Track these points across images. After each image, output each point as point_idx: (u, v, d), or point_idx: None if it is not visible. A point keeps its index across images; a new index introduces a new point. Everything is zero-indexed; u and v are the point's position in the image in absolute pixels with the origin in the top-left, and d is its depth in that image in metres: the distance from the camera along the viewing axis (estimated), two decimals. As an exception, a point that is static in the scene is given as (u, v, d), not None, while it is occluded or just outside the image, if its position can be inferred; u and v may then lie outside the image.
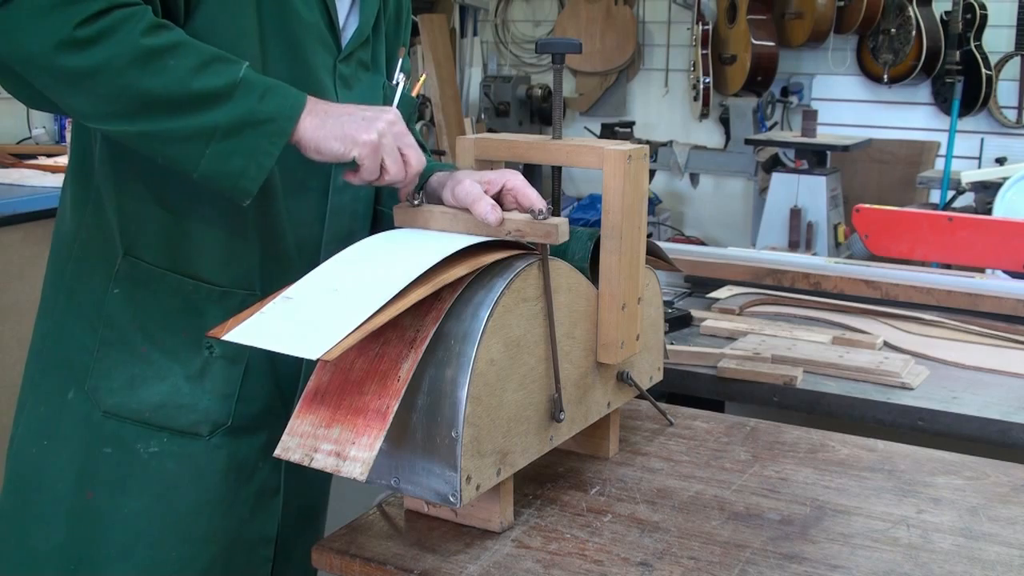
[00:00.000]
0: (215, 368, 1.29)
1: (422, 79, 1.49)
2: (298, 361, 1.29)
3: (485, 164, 1.37)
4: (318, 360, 0.97)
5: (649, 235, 1.36)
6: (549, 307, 1.19)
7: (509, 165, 1.42)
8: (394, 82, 1.42)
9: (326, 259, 1.28)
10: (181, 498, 1.29)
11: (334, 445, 1.06)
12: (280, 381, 1.35)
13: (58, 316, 1.31)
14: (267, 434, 1.33)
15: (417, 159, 1.20)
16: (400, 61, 1.44)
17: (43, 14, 1.05)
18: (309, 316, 1.05)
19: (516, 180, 1.24)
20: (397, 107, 1.38)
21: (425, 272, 1.09)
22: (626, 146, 1.27)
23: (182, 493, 1.29)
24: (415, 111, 1.48)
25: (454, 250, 1.12)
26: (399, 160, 1.19)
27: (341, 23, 1.31)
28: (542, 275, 1.17)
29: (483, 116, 6.10)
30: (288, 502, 1.39)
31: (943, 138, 5.04)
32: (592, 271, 1.29)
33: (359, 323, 1.01)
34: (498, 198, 1.23)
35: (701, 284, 2.35)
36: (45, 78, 1.09)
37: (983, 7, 4.95)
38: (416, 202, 1.23)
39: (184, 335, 1.28)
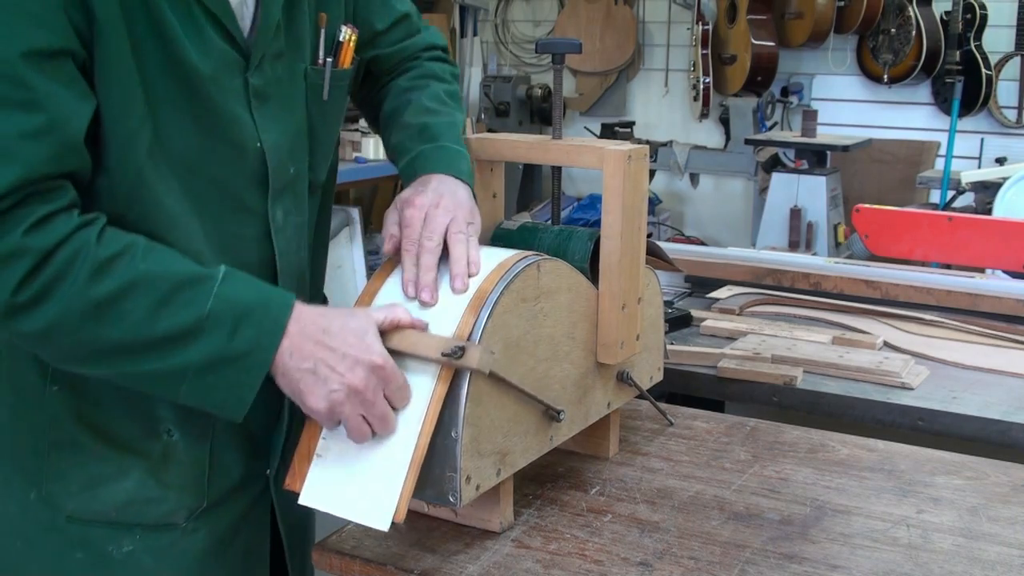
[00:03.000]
0: (179, 452, 1.19)
1: (351, 39, 1.27)
2: (273, 413, 1.25)
3: (485, 164, 1.37)
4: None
5: (649, 235, 1.36)
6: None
7: (509, 165, 1.42)
8: (321, 61, 1.25)
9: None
10: None
11: None
12: (254, 442, 1.26)
13: (5, 411, 1.20)
14: (248, 497, 1.26)
15: (383, 427, 1.08)
16: (323, 32, 1.24)
17: None
18: (363, 458, 1.11)
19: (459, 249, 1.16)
20: (329, 92, 1.25)
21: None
22: (626, 146, 1.27)
23: None
24: (350, 83, 1.32)
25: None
26: (359, 427, 1.08)
27: (247, 21, 1.15)
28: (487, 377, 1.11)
29: (483, 116, 6.09)
30: (289, 513, 1.33)
31: (943, 138, 5.04)
32: (592, 271, 1.29)
33: (407, 467, 1.08)
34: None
35: (701, 284, 2.35)
36: (11, 337, 1.06)
37: (983, 7, 4.95)
38: None
39: (137, 425, 1.18)
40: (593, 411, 1.33)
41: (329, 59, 1.24)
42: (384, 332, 1.09)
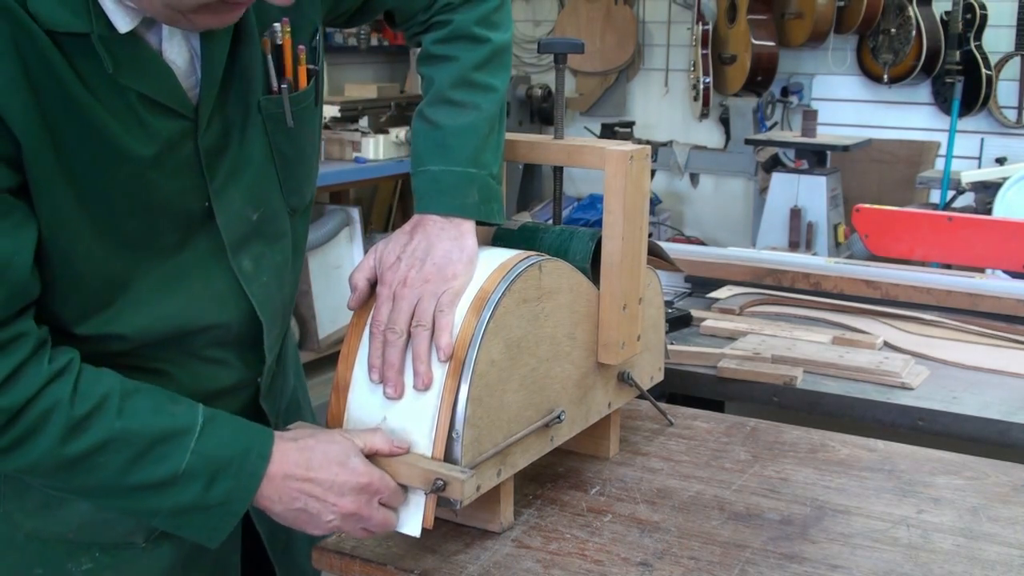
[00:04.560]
0: None
1: (300, 57, 1.17)
2: None
3: (486, 164, 1.36)
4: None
5: (649, 235, 1.36)
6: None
7: (509, 165, 1.42)
8: (276, 89, 1.15)
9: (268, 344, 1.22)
10: None
11: None
12: None
13: None
14: None
15: (386, 529, 1.11)
16: (269, 58, 1.13)
17: None
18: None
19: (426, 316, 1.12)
20: (294, 117, 1.16)
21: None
22: (628, 146, 1.27)
23: None
24: (317, 97, 1.22)
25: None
26: (365, 535, 1.13)
27: (197, 76, 1.07)
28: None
29: (483, 116, 6.08)
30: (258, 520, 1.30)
31: (943, 138, 5.04)
32: (593, 271, 1.29)
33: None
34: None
35: (701, 284, 2.35)
36: None
37: (983, 7, 4.95)
38: None
39: None
40: (594, 411, 1.33)
41: (284, 86, 1.15)
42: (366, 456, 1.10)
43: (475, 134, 1.22)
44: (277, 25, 1.13)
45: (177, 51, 1.05)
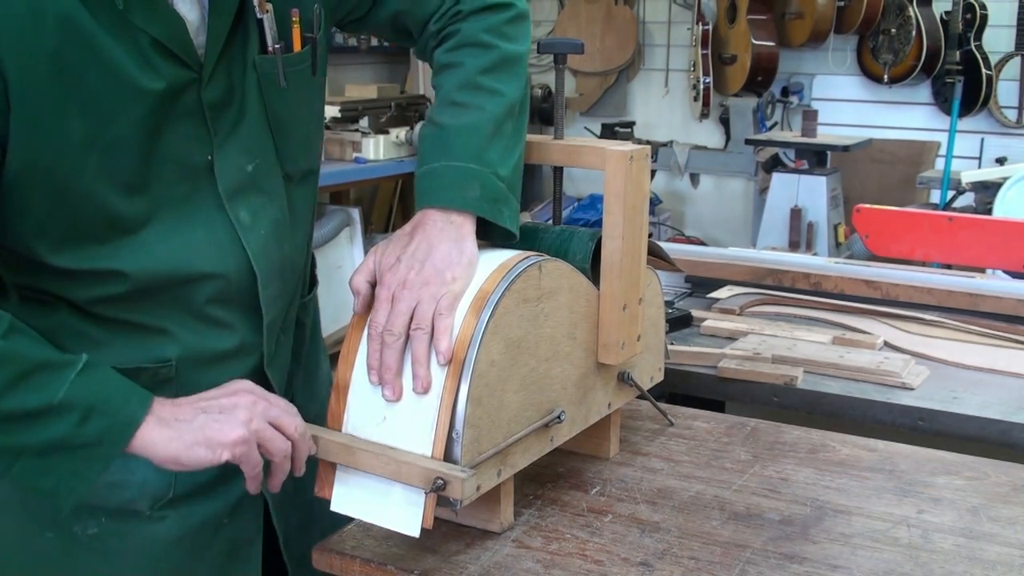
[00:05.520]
0: None
1: (294, 20, 1.20)
2: None
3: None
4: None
5: (649, 235, 1.36)
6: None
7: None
8: (271, 49, 1.17)
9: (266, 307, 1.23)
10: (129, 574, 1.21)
11: None
12: None
13: None
14: (232, 494, 1.23)
15: (293, 424, 1.09)
16: (265, 18, 1.16)
17: None
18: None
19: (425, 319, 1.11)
20: (285, 80, 1.18)
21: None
22: (628, 147, 1.27)
23: (129, 571, 1.20)
24: (313, 64, 1.24)
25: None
26: (276, 436, 1.08)
27: (204, 34, 1.11)
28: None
29: (483, 116, 6.08)
30: (287, 514, 1.32)
31: (943, 138, 5.04)
32: (593, 271, 1.29)
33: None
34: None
35: (701, 284, 2.35)
36: None
37: (983, 7, 4.95)
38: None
39: None
40: (594, 411, 1.33)
41: (278, 45, 1.17)
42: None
43: (477, 132, 1.22)
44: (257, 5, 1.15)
45: (188, 7, 1.09)
